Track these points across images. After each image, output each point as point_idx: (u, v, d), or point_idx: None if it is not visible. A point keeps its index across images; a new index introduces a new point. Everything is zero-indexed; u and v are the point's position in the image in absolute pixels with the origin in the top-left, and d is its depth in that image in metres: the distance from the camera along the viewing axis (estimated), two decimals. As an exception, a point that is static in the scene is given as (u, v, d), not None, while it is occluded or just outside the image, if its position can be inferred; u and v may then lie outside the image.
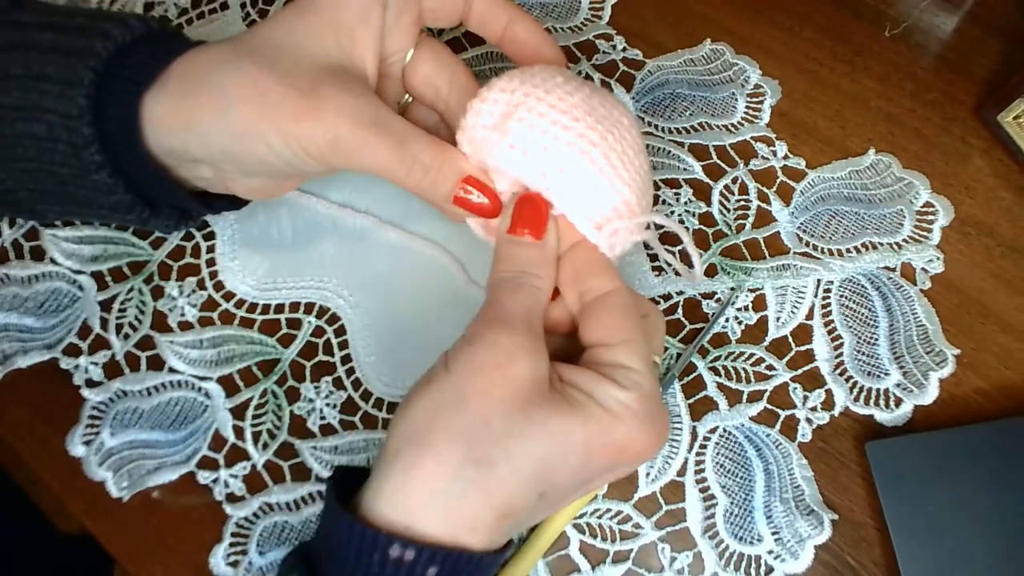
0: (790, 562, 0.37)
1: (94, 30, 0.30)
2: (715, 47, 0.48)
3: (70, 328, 0.43)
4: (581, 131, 0.29)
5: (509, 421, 0.25)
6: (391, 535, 0.24)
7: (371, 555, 0.24)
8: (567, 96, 0.30)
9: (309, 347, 0.42)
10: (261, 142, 0.29)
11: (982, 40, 0.47)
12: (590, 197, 0.30)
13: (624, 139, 0.30)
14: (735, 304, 0.42)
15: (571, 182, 0.30)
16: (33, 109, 0.29)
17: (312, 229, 0.44)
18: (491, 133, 0.30)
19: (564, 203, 0.30)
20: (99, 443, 0.40)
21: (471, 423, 0.25)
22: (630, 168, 0.30)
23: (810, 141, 0.45)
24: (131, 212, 0.32)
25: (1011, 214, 0.43)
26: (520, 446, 0.25)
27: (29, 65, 0.29)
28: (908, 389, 0.40)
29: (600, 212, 0.30)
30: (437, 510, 0.25)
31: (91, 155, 0.30)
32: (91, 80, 0.29)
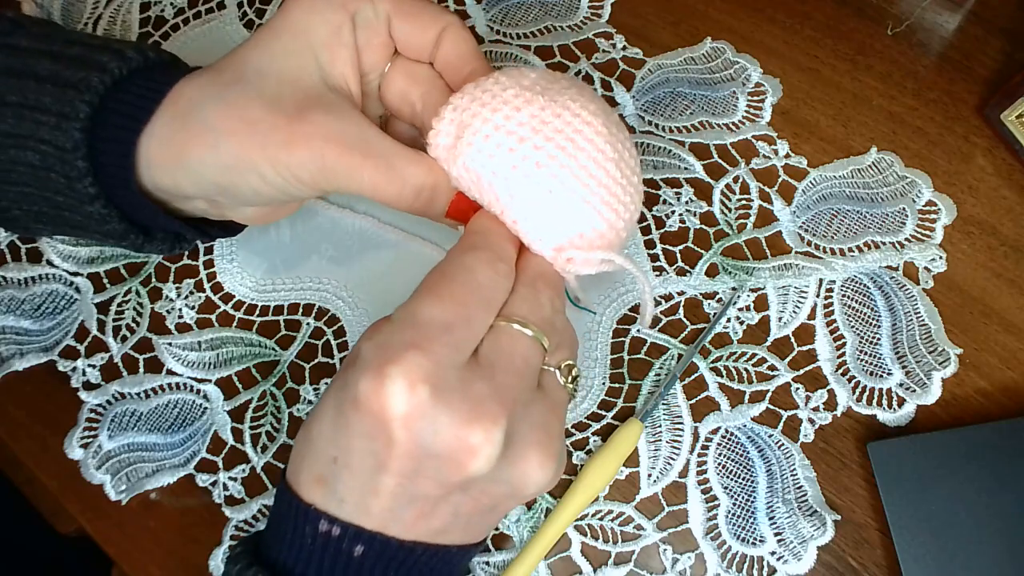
0: (793, 563, 0.37)
1: (92, 63, 0.29)
2: (716, 45, 0.47)
3: (67, 330, 0.42)
4: (526, 152, 0.28)
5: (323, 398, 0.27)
6: (320, 511, 0.25)
7: (304, 528, 0.25)
8: (514, 113, 0.28)
9: (308, 348, 0.42)
10: (253, 173, 0.29)
11: (984, 39, 0.47)
12: (542, 219, 0.29)
13: (581, 152, 0.28)
14: (737, 304, 0.41)
15: (521, 205, 0.29)
16: (27, 138, 0.29)
17: (311, 230, 0.44)
18: (447, 155, 0.30)
19: (520, 226, 0.29)
20: (97, 446, 0.40)
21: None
22: (589, 182, 0.29)
23: (812, 140, 0.45)
24: (125, 239, 0.32)
25: (1014, 213, 0.43)
26: (316, 416, 0.27)
27: (25, 94, 0.29)
28: (911, 389, 0.40)
29: (554, 235, 0.29)
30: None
31: (85, 188, 0.30)
32: (87, 114, 0.29)
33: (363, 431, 0.25)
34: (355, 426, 0.25)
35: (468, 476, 0.25)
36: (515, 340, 0.27)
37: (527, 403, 0.26)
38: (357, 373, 0.25)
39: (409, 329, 0.25)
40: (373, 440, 0.25)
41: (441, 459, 0.25)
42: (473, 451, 0.24)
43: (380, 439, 0.24)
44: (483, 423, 0.24)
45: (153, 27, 0.49)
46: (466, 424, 0.24)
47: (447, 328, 0.25)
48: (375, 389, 0.24)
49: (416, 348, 0.24)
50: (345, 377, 0.26)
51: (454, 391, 0.24)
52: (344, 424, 0.25)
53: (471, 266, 0.27)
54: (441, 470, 0.25)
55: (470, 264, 0.27)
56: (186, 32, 0.49)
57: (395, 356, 0.24)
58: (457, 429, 0.24)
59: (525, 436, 0.26)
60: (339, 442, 0.25)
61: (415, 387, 0.24)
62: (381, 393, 0.24)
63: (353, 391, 0.25)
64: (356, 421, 0.25)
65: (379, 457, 0.25)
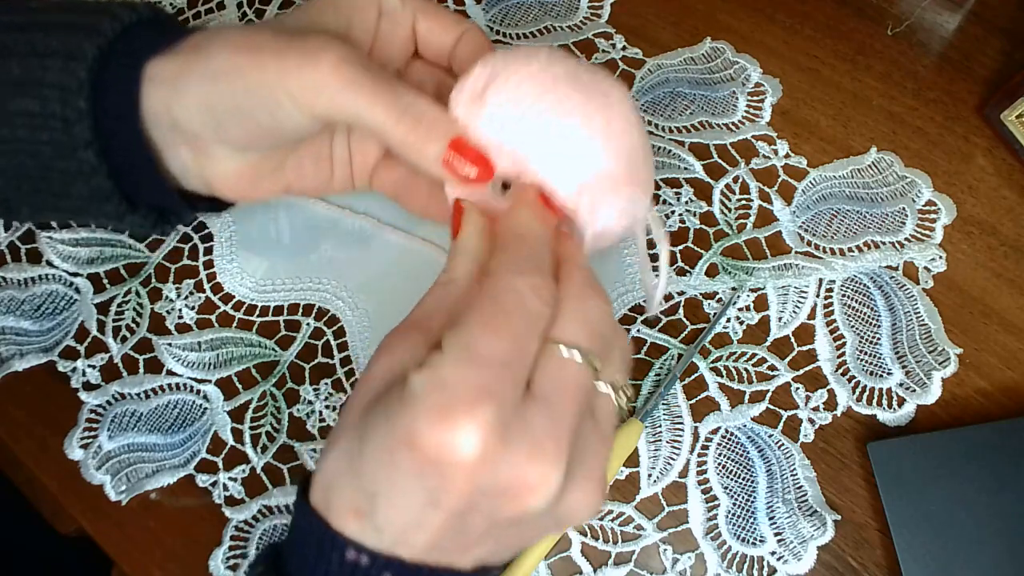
0: (793, 563, 0.37)
1: (103, 10, 0.30)
2: (715, 45, 0.47)
3: (67, 331, 0.42)
4: (559, 96, 0.28)
5: (357, 423, 0.25)
6: (350, 540, 0.24)
7: (330, 554, 0.24)
8: (548, 66, 0.29)
9: (308, 349, 0.42)
10: (240, 81, 0.28)
11: (984, 39, 0.47)
12: (567, 161, 0.29)
13: (609, 108, 0.29)
14: (737, 304, 0.41)
15: (546, 146, 0.28)
16: (32, 84, 0.29)
17: (311, 230, 0.44)
18: (472, 104, 0.29)
19: (542, 170, 0.29)
20: (97, 446, 0.40)
21: (346, 425, 0.26)
22: (613, 138, 0.29)
23: (812, 140, 0.45)
24: (109, 202, 0.31)
25: (1014, 213, 0.43)
26: (353, 444, 0.25)
27: (33, 44, 0.29)
28: (911, 389, 0.40)
29: (578, 177, 0.29)
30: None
31: (82, 131, 0.29)
32: (94, 56, 0.29)
33: (416, 471, 0.23)
34: (406, 465, 0.23)
35: (524, 513, 0.24)
36: (566, 368, 0.25)
37: (582, 434, 0.25)
38: (412, 412, 0.23)
39: (469, 368, 0.23)
40: (426, 479, 0.23)
41: (498, 498, 0.24)
42: (533, 490, 0.23)
43: (436, 480, 0.23)
44: (544, 461, 0.23)
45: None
46: (527, 463, 0.23)
47: (507, 364, 0.24)
48: (439, 434, 0.22)
49: (483, 391, 0.23)
50: (392, 411, 0.24)
51: (515, 430, 0.23)
52: (391, 463, 0.24)
53: (521, 291, 0.25)
54: (496, 507, 0.24)
55: (520, 288, 0.25)
56: (186, 32, 0.49)
57: (460, 400, 0.23)
58: (518, 469, 0.23)
59: (578, 469, 0.25)
60: (382, 478, 0.24)
61: (482, 432, 0.22)
62: (446, 439, 0.22)
63: (408, 431, 0.23)
64: (409, 462, 0.23)
65: (432, 496, 0.23)
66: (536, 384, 0.25)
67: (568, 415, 0.25)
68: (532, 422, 0.24)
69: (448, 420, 0.22)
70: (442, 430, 0.22)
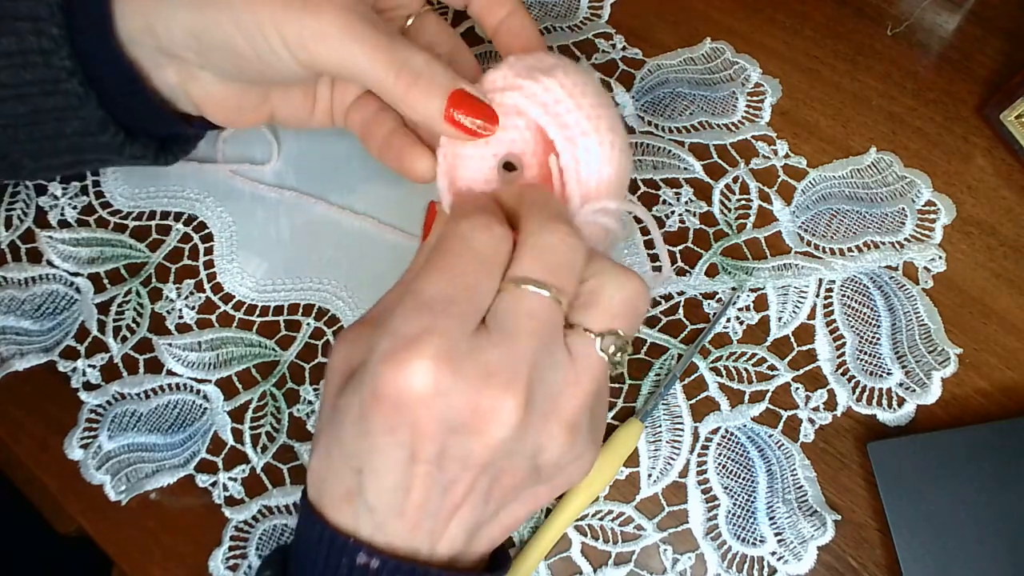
0: (793, 563, 0.37)
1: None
2: (715, 46, 0.47)
3: (67, 331, 0.43)
4: (595, 104, 0.31)
5: (330, 414, 0.26)
6: (359, 542, 0.24)
7: (339, 559, 0.25)
8: (591, 74, 0.32)
9: (308, 349, 0.42)
10: (228, 14, 0.27)
11: (984, 39, 0.47)
12: (589, 157, 0.30)
13: (617, 127, 0.31)
14: (736, 304, 0.41)
15: (578, 146, 0.30)
16: (6, 20, 0.28)
17: (311, 230, 0.44)
18: (525, 80, 0.30)
19: (564, 157, 0.30)
20: (97, 446, 0.40)
21: (321, 421, 0.27)
22: (625, 154, 0.31)
23: (811, 140, 0.45)
24: (104, 132, 0.30)
25: (1013, 213, 0.43)
26: (330, 433, 0.26)
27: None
28: (911, 389, 0.40)
29: (591, 175, 0.30)
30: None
31: (61, 60, 0.28)
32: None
33: (386, 426, 0.24)
34: (376, 423, 0.24)
35: (491, 447, 0.24)
36: (520, 299, 0.25)
37: (547, 367, 0.25)
38: (373, 366, 0.24)
39: (415, 312, 0.24)
40: (397, 432, 0.24)
41: (462, 433, 0.24)
42: (489, 416, 0.23)
43: (404, 429, 0.23)
44: (497, 387, 0.23)
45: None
46: (481, 390, 0.23)
47: (452, 301, 0.24)
48: (393, 376, 0.23)
49: (427, 329, 0.23)
50: (356, 384, 0.25)
51: (465, 360, 0.23)
52: (365, 428, 0.24)
53: (465, 233, 0.25)
54: (465, 445, 0.24)
55: (464, 232, 0.25)
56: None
57: (408, 340, 0.23)
58: (473, 396, 0.23)
59: (543, 404, 0.24)
60: (361, 447, 0.24)
61: (430, 365, 0.23)
62: (399, 378, 0.23)
63: (371, 389, 0.24)
64: (377, 416, 0.24)
65: (406, 448, 0.24)
66: (490, 317, 0.25)
67: (522, 345, 0.24)
68: (485, 352, 0.24)
69: (399, 363, 0.23)
70: (396, 374, 0.23)
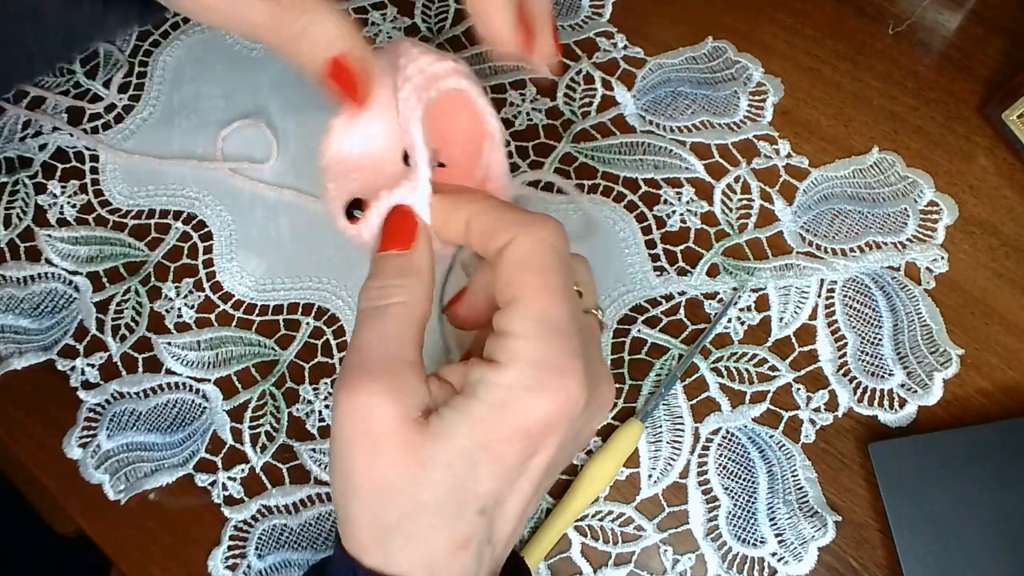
0: (793, 564, 0.37)
1: None
2: (717, 45, 0.47)
3: (66, 329, 0.42)
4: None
5: (404, 474, 0.24)
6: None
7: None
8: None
9: (307, 348, 0.42)
10: None
11: (985, 38, 0.47)
12: (502, 161, 0.29)
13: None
14: (738, 304, 0.41)
15: (496, 139, 0.29)
16: None
17: (310, 230, 0.44)
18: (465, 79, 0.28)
19: (491, 160, 0.29)
20: (96, 445, 0.40)
21: (372, 498, 0.25)
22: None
23: (813, 140, 0.45)
24: (82, 4, 0.30)
25: (1015, 213, 0.43)
26: (425, 492, 0.24)
27: None
28: (912, 389, 0.39)
29: (502, 171, 0.30)
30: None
31: None
32: None
33: (524, 455, 0.25)
34: (514, 455, 0.25)
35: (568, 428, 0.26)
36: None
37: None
38: (511, 402, 0.24)
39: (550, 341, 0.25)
40: (531, 459, 0.25)
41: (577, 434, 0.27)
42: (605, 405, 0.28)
43: (541, 452, 0.25)
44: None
45: (153, 26, 0.49)
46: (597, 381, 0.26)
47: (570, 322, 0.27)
48: (544, 404, 0.24)
49: (571, 353, 0.25)
50: (476, 421, 0.24)
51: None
52: (498, 466, 0.25)
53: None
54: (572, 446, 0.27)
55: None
56: (186, 30, 0.49)
57: (560, 371, 0.25)
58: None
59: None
60: (494, 487, 0.25)
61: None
62: (553, 404, 0.24)
63: (512, 419, 0.24)
64: (517, 448, 0.25)
65: (530, 469, 0.25)
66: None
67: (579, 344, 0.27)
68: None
69: (549, 390, 0.24)
70: (545, 402, 0.24)
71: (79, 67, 0.48)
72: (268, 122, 0.46)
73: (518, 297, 0.25)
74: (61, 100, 0.47)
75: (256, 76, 0.48)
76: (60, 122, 0.46)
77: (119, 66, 0.48)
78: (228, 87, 0.47)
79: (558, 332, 0.25)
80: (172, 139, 0.46)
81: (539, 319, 0.25)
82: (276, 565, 0.38)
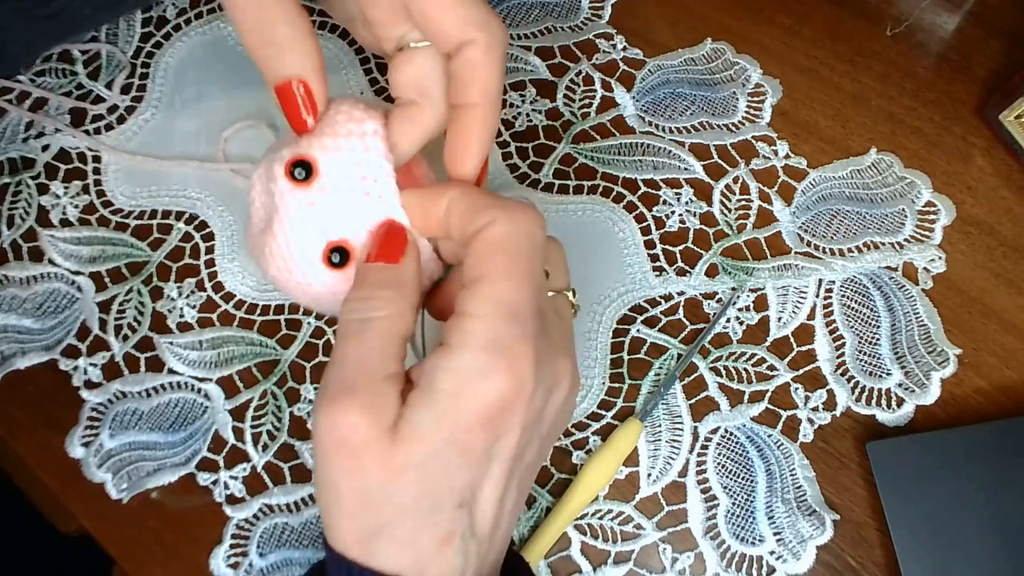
0: (792, 563, 0.37)
1: None
2: (716, 46, 0.47)
3: (69, 329, 0.43)
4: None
5: (383, 483, 0.25)
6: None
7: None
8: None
9: (309, 348, 0.42)
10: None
11: (983, 40, 0.47)
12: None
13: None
14: (736, 304, 0.42)
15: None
16: None
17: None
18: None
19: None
20: (98, 445, 0.40)
21: (355, 507, 0.25)
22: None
23: (811, 140, 0.45)
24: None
25: (1012, 214, 0.43)
26: (404, 496, 0.25)
27: None
28: (910, 389, 0.40)
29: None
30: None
31: None
32: None
33: (488, 442, 0.25)
34: (479, 443, 0.25)
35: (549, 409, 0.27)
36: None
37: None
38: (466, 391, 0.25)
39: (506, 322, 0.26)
40: (496, 444, 0.25)
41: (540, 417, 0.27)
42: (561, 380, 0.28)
43: (506, 435, 0.26)
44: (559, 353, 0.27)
45: (155, 27, 0.49)
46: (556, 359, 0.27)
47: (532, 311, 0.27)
48: (497, 390, 0.25)
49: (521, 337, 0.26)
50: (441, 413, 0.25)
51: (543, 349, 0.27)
52: (468, 457, 0.25)
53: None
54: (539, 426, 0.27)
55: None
56: (188, 32, 0.49)
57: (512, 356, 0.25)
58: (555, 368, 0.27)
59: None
60: (469, 478, 0.25)
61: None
62: (505, 388, 0.25)
63: (471, 408, 0.25)
64: (482, 436, 0.25)
65: (501, 457, 0.26)
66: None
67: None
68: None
69: (503, 374, 0.25)
70: (494, 387, 0.25)
71: (81, 68, 0.48)
72: (270, 123, 0.46)
73: (482, 277, 0.25)
74: (64, 101, 0.47)
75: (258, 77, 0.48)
76: (62, 124, 0.47)
77: (121, 67, 0.48)
78: (230, 88, 0.48)
79: (514, 316, 0.25)
80: (174, 140, 0.47)
81: (498, 301, 0.25)
82: (278, 563, 0.38)
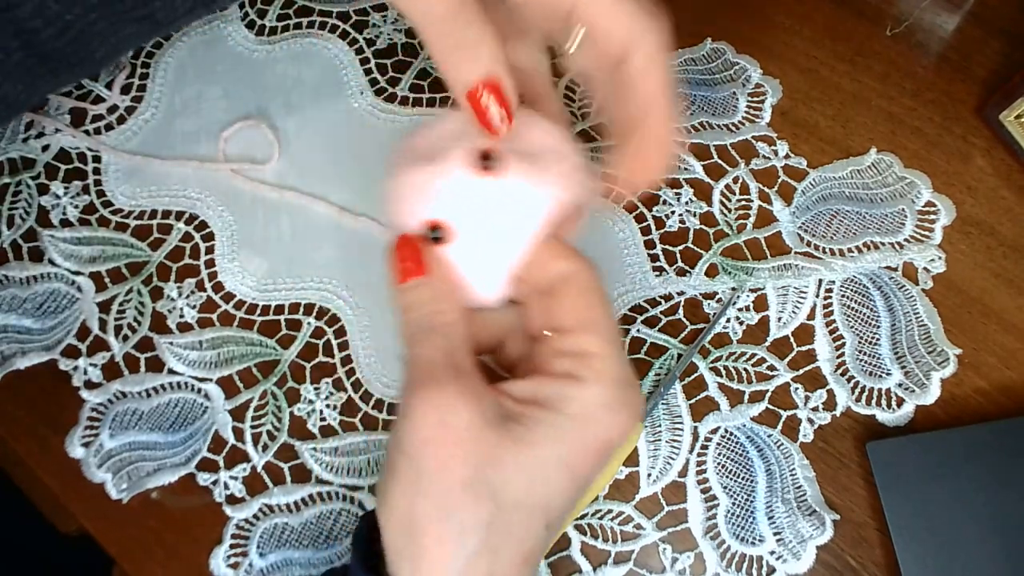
0: (792, 562, 0.37)
1: None
2: (716, 46, 0.47)
3: (69, 329, 0.43)
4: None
5: (483, 478, 0.24)
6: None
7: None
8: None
9: (309, 348, 0.42)
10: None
11: (983, 40, 0.47)
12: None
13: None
14: (736, 304, 0.42)
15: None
16: None
17: (312, 230, 0.44)
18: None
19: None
20: (98, 445, 0.40)
21: (445, 500, 0.24)
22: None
23: (811, 140, 0.45)
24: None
25: (1012, 214, 0.43)
26: (504, 497, 0.24)
27: None
28: (910, 389, 0.40)
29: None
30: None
31: None
32: None
33: (600, 461, 0.26)
34: (590, 464, 0.26)
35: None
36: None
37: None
38: (594, 418, 0.25)
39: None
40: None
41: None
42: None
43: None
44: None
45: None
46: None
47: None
48: (620, 420, 0.26)
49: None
50: (561, 434, 0.25)
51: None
52: (574, 476, 0.25)
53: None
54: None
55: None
56: (188, 32, 0.49)
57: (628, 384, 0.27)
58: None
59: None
60: (569, 497, 0.26)
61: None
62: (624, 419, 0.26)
63: (594, 433, 0.25)
64: (596, 457, 0.26)
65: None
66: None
67: None
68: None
69: (623, 408, 0.26)
70: (620, 418, 0.26)
71: (81, 69, 0.48)
72: (269, 123, 0.46)
73: (595, 320, 0.26)
74: (64, 101, 0.47)
75: (258, 77, 0.48)
76: (62, 124, 0.47)
77: (121, 68, 0.48)
78: (230, 88, 0.48)
79: (623, 354, 0.27)
80: (174, 140, 0.47)
81: (614, 341, 0.26)
82: (278, 564, 0.38)
